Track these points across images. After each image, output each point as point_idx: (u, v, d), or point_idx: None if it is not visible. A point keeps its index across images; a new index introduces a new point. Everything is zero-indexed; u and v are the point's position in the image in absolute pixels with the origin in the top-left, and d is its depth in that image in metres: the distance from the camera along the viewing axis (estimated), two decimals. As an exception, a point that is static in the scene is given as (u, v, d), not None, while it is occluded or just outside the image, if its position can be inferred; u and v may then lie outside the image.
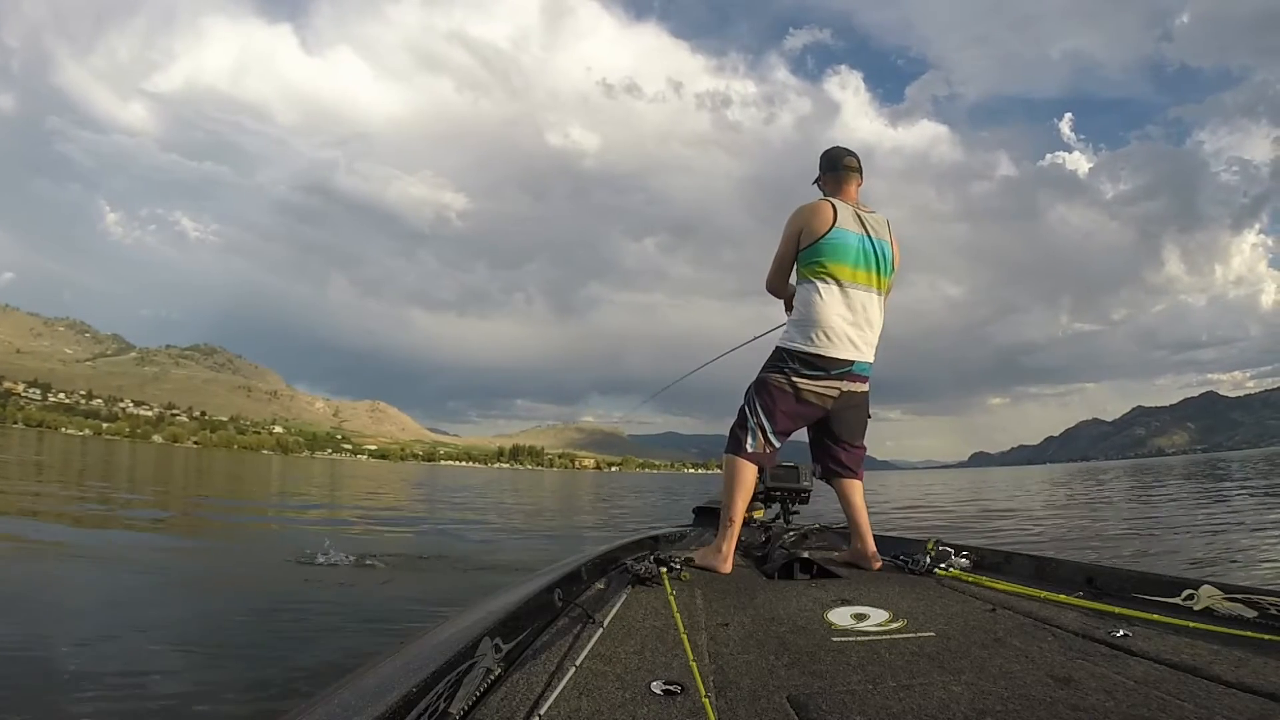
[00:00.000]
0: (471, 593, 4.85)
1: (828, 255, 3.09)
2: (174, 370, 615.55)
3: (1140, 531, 10.55)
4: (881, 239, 3.21)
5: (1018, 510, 15.84)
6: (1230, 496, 16.57)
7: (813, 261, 3.12)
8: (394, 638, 3.30)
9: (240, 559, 7.73)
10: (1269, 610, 1.93)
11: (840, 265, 3.10)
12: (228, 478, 27.12)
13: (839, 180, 3.34)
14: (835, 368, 3.09)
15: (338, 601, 5.25)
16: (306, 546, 7.25)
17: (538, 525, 13.91)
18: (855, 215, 3.18)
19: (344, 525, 12.10)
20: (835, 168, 3.37)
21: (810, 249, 3.12)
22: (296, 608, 4.91)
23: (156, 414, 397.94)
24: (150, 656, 3.65)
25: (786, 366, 3.14)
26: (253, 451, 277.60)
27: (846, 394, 3.17)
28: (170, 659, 3.62)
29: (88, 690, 3.06)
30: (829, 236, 3.09)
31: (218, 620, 4.46)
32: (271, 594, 5.38)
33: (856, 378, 3.16)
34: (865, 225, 3.18)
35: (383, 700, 1.25)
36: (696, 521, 5.08)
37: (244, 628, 4.31)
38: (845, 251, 3.11)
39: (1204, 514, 12.43)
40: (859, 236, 3.14)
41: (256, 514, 13.65)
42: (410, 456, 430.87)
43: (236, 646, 3.90)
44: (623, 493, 28.85)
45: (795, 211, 3.25)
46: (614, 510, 17.34)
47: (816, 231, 3.11)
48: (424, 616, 4.63)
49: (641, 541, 3.78)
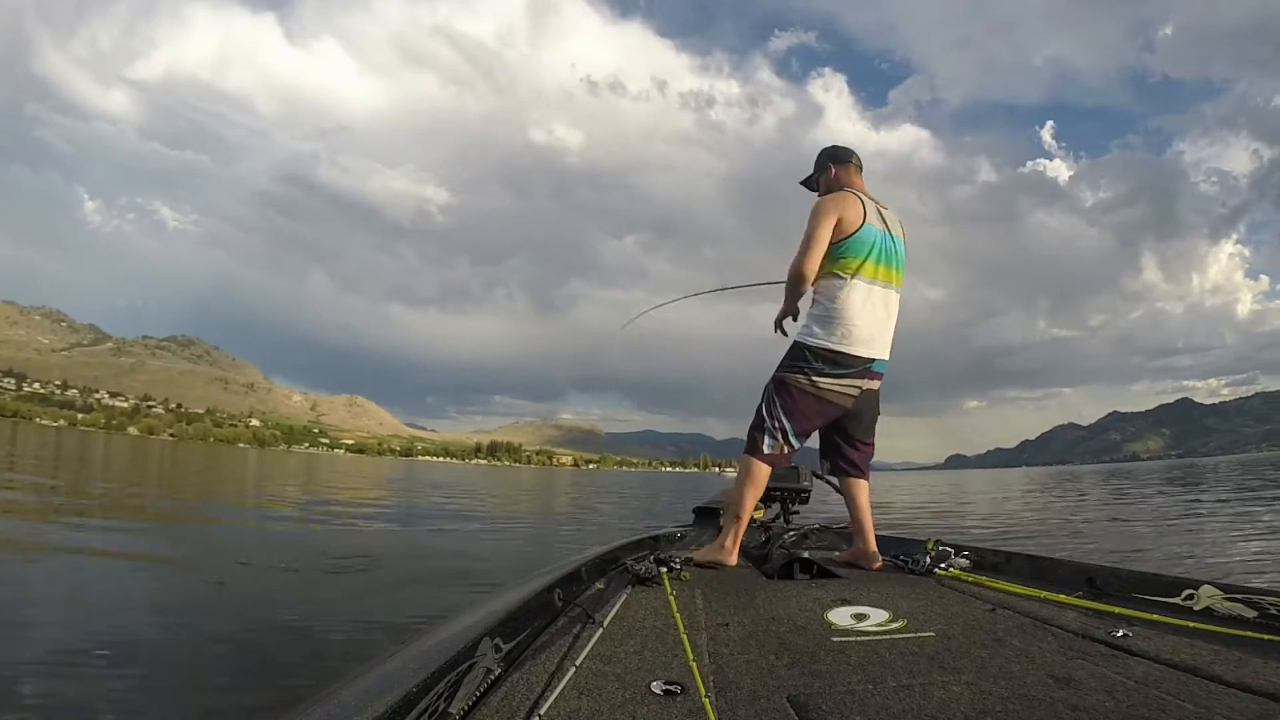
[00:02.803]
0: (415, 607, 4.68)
1: (857, 251, 3.04)
2: (150, 361, 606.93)
3: (1119, 532, 10.82)
4: (897, 235, 3.20)
5: (1002, 514, 15.95)
6: (1204, 501, 16.82)
7: (842, 255, 3.05)
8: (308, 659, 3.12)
9: (160, 572, 6.23)
10: (1269, 610, 1.94)
11: (867, 261, 3.05)
12: (199, 472, 25.66)
13: (848, 175, 3.30)
14: (858, 364, 3.05)
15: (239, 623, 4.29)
16: (234, 554, 6.56)
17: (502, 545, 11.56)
18: (877, 211, 3.15)
19: (298, 523, 10.89)
20: (843, 161, 3.33)
21: (841, 242, 3.05)
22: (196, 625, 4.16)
23: (132, 405, 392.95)
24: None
25: (809, 365, 3.07)
26: (229, 445, 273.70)
27: (865, 393, 3.14)
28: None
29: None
30: (861, 232, 3.04)
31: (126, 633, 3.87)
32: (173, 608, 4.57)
33: (875, 375, 3.13)
34: (885, 221, 3.16)
35: (383, 700, 1.23)
36: (696, 521, 5.06)
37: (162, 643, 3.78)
38: (871, 248, 3.06)
39: (1183, 517, 12.71)
40: (881, 233, 3.11)
41: (209, 513, 12.17)
42: (388, 452, 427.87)
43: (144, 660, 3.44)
44: (600, 494, 27.87)
45: (828, 199, 3.14)
46: (589, 518, 16.16)
47: (851, 224, 3.04)
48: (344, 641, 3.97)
49: (641, 541, 3.77)
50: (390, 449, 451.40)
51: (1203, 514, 13.14)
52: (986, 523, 13.27)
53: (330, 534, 9.50)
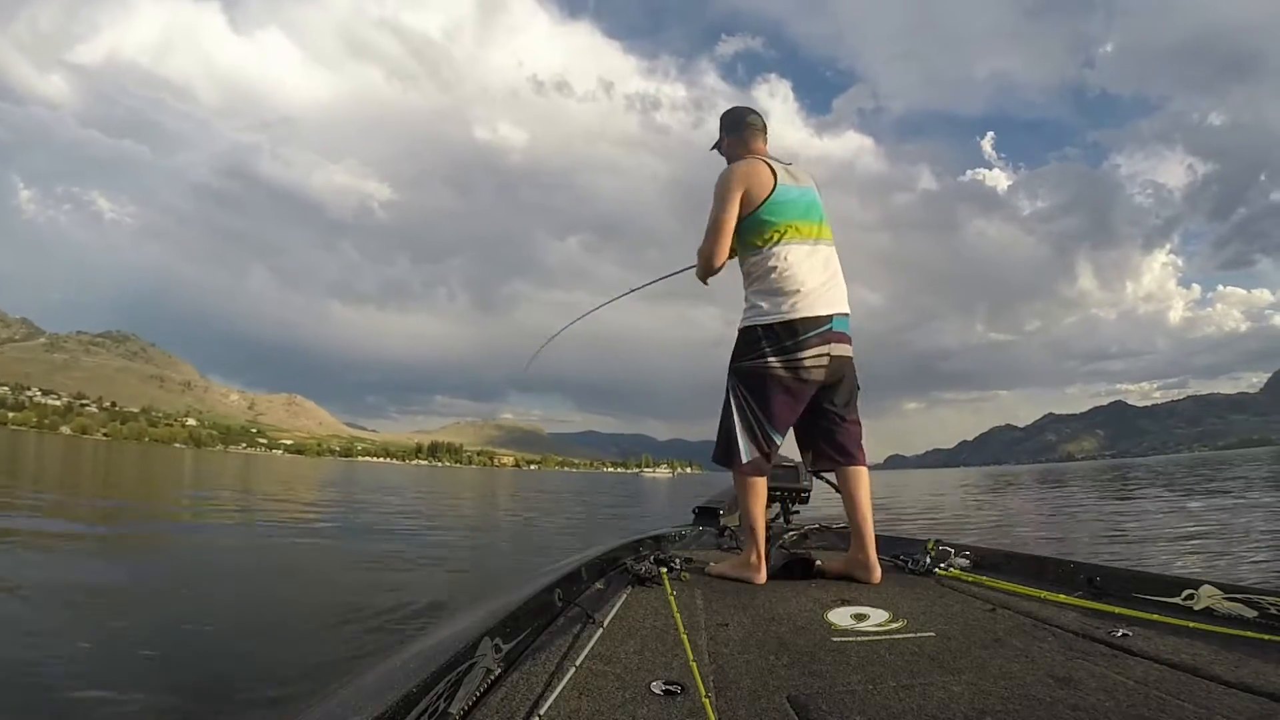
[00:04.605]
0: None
1: (777, 214, 2.86)
2: (85, 358, 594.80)
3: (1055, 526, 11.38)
4: (810, 187, 3.04)
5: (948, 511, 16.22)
6: (1140, 497, 17.40)
7: (763, 223, 2.87)
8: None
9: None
10: (1269, 610, 1.94)
11: (790, 223, 2.87)
12: (132, 480, 23.24)
13: (748, 138, 3.13)
14: (818, 327, 2.80)
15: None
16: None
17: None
18: (785, 169, 2.98)
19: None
20: (741, 125, 3.16)
21: (756, 213, 2.87)
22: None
23: (65, 404, 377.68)
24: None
25: (766, 346, 2.81)
26: (164, 445, 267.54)
27: (836, 360, 2.85)
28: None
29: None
30: (775, 195, 2.87)
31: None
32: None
33: (840, 336, 2.87)
34: (795, 177, 3.01)
35: (383, 700, 1.23)
36: (696, 521, 5.01)
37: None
38: (794, 208, 2.90)
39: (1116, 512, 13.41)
40: (798, 190, 2.96)
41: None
42: (327, 452, 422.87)
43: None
44: (537, 501, 25.21)
45: (729, 172, 2.96)
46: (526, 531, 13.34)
47: (761, 191, 2.87)
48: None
49: (642, 541, 3.73)
50: (330, 450, 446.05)
51: (1157, 511, 13.65)
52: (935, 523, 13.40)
53: (263, 552, 8.26)
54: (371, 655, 2.09)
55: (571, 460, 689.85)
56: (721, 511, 4.76)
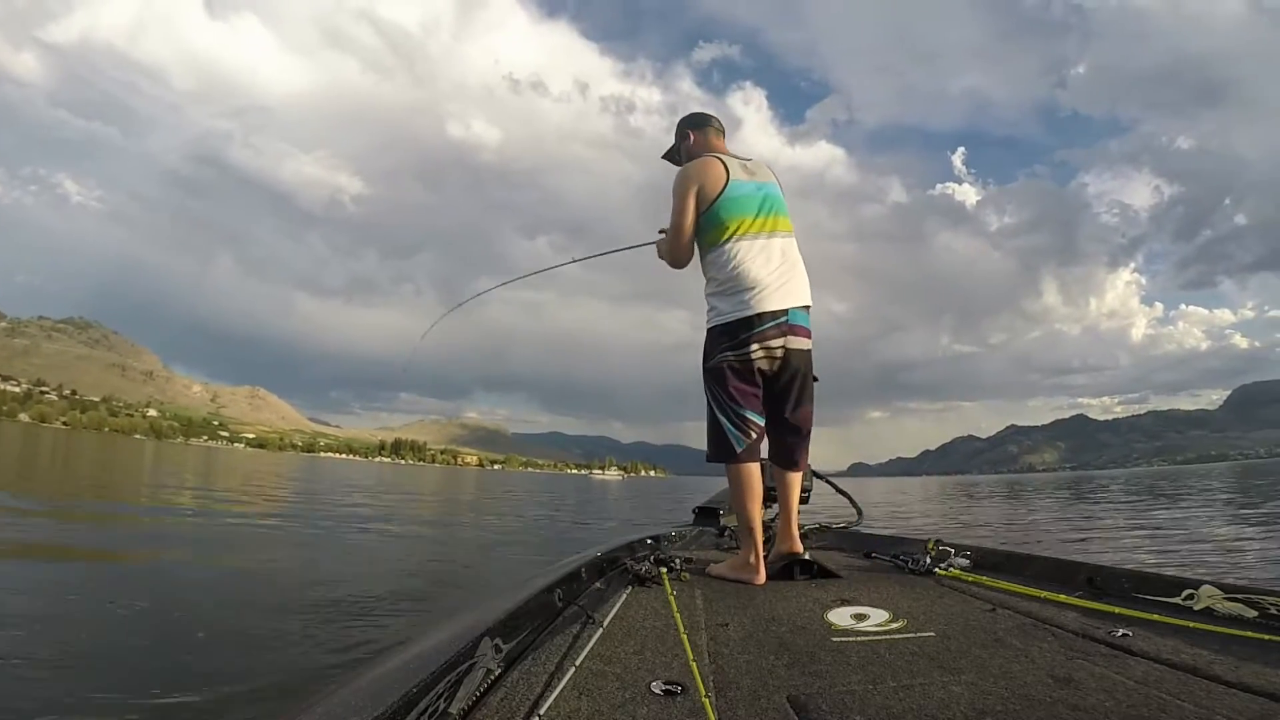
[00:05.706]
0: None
1: (731, 210, 2.91)
2: (45, 344, 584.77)
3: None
4: (767, 180, 3.07)
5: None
6: (1101, 508, 17.63)
7: (717, 222, 2.92)
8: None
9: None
10: (1269, 610, 1.95)
11: (745, 218, 2.92)
12: (90, 471, 22.03)
13: (705, 137, 3.20)
14: (774, 320, 2.85)
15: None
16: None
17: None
18: (740, 164, 3.03)
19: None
20: (701, 125, 3.23)
21: (711, 210, 2.93)
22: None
23: (24, 390, 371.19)
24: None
25: (724, 343, 2.90)
26: (124, 435, 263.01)
27: (792, 353, 2.90)
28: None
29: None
30: (728, 191, 2.92)
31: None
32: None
33: (797, 329, 2.91)
34: (751, 172, 3.04)
35: (383, 700, 1.22)
36: (696, 521, 5.04)
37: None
38: (748, 203, 2.94)
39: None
40: (753, 184, 2.99)
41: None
42: (290, 447, 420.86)
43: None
44: (503, 500, 23.75)
45: (681, 173, 3.03)
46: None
47: (714, 187, 2.93)
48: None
49: (642, 541, 3.74)
50: (292, 444, 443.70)
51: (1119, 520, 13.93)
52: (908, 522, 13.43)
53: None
54: (373, 655, 1.98)
55: (535, 461, 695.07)
56: (721, 511, 4.80)
